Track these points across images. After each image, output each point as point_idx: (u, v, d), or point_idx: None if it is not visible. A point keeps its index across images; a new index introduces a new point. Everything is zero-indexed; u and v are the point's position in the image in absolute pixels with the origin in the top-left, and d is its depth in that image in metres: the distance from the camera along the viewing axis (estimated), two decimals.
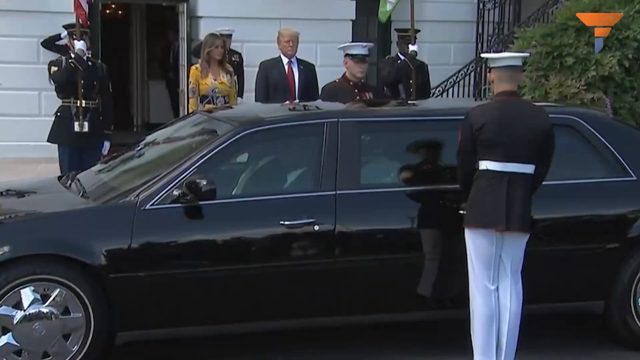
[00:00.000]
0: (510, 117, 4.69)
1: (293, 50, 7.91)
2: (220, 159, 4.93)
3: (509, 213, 4.61)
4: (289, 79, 7.87)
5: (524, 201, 4.65)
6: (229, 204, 4.87)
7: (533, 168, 4.68)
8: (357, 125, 5.09)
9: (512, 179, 4.64)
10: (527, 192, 4.67)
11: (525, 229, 4.68)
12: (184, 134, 5.59)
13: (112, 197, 4.91)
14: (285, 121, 5.23)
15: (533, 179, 4.71)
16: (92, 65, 7.83)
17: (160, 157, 5.44)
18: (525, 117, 4.70)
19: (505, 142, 4.64)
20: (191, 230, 4.79)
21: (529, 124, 4.67)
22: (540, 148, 4.68)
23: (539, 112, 4.80)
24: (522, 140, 4.64)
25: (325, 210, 4.89)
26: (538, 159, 4.70)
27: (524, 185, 4.65)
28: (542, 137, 4.67)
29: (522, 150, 4.64)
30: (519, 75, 4.87)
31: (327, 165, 4.96)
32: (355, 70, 7.09)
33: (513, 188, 4.63)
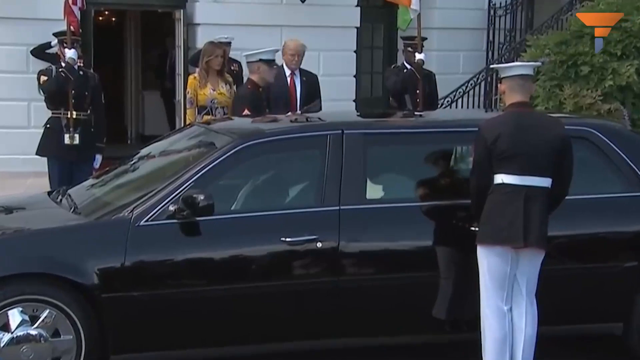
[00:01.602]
0: (524, 128, 4.70)
1: (297, 64, 7.95)
2: (218, 173, 4.93)
3: (527, 229, 4.60)
4: (291, 91, 7.90)
5: (542, 217, 4.63)
6: (227, 220, 4.87)
7: (550, 182, 4.68)
8: (362, 138, 5.09)
9: (529, 192, 4.64)
10: (544, 207, 4.64)
11: (543, 245, 4.67)
12: (181, 147, 5.60)
13: (104, 213, 4.92)
14: (287, 133, 5.24)
15: (553, 194, 4.70)
16: (84, 75, 7.85)
17: (156, 171, 5.45)
18: (541, 127, 4.71)
19: (521, 154, 4.65)
20: (188, 247, 4.79)
21: (545, 135, 4.68)
22: (557, 160, 4.69)
23: (554, 123, 4.81)
24: (538, 152, 4.64)
25: (328, 226, 4.89)
26: (556, 171, 4.69)
27: (541, 200, 4.64)
28: (560, 148, 4.67)
29: (539, 163, 4.64)
30: (530, 85, 4.85)
31: (330, 179, 4.97)
32: (270, 75, 7.18)
33: (531, 202, 4.63)
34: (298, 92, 7.91)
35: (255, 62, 7.14)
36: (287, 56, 7.95)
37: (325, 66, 10.44)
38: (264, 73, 7.12)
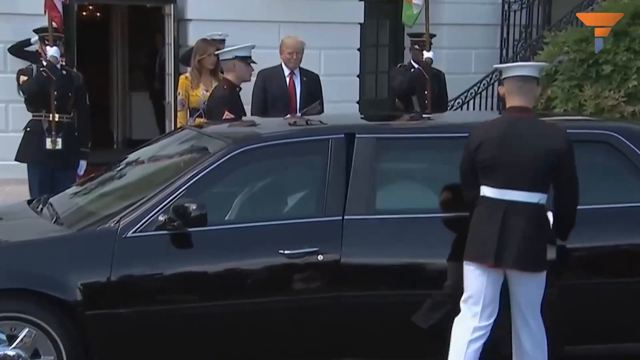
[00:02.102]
0: (514, 136, 4.62)
1: (296, 62, 7.94)
2: (211, 180, 4.93)
3: (501, 248, 4.56)
4: (290, 92, 7.90)
5: (528, 235, 4.55)
6: (221, 231, 4.87)
7: (541, 198, 4.57)
8: (366, 142, 5.10)
9: (510, 208, 4.57)
10: (531, 225, 4.56)
11: (523, 267, 4.59)
12: (171, 152, 5.60)
13: (89, 223, 4.92)
14: (285, 137, 5.24)
15: (558, 212, 4.65)
16: (67, 75, 7.86)
17: (144, 179, 5.45)
18: (535, 137, 4.61)
19: (502, 165, 4.60)
20: (179, 260, 4.79)
21: (538, 146, 4.58)
22: (553, 176, 4.60)
23: (553, 132, 4.67)
24: (523, 164, 4.56)
25: (330, 238, 4.89)
26: (555, 188, 4.63)
27: (527, 217, 4.55)
28: (553, 163, 4.56)
29: (525, 176, 4.56)
30: (532, 88, 4.73)
31: (332, 187, 4.97)
32: (247, 74, 7.19)
33: (512, 219, 4.55)
34: (298, 93, 7.91)
35: (231, 60, 7.14)
36: (285, 54, 7.96)
37: (327, 65, 10.45)
38: (241, 71, 7.12)
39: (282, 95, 7.86)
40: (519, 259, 4.58)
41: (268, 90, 7.89)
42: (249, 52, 7.19)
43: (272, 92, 7.88)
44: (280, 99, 7.83)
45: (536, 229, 4.59)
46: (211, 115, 7.15)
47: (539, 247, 4.62)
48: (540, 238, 4.62)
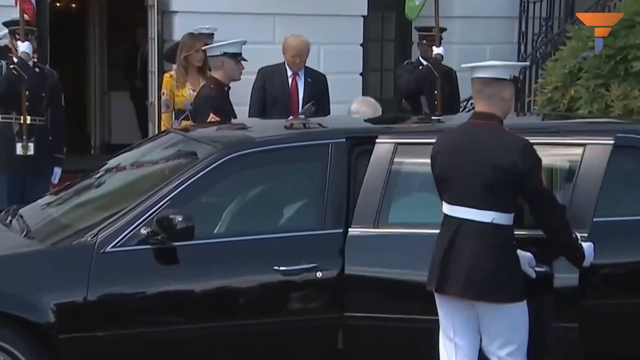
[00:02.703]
0: (467, 147, 4.57)
1: (300, 65, 7.94)
2: (199, 189, 4.94)
3: (445, 271, 4.51)
4: (292, 95, 7.89)
5: (478, 259, 4.46)
6: (210, 245, 4.88)
7: (496, 217, 4.47)
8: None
9: (462, 228, 4.52)
10: (486, 247, 4.47)
11: (474, 295, 4.50)
12: (155, 158, 5.61)
13: (63, 237, 4.92)
14: (281, 142, 5.25)
15: (546, 236, 4.57)
16: (40, 73, 7.86)
17: (125, 187, 5.45)
18: (489, 149, 4.53)
19: (455, 179, 4.58)
20: (163, 278, 4.79)
21: (488, 159, 4.49)
22: (513, 192, 4.50)
23: (512, 145, 4.52)
24: (474, 178, 4.50)
25: (330, 253, 4.90)
26: (529, 208, 4.56)
27: (479, 239, 4.48)
28: (508, 178, 4.46)
29: (474, 192, 4.50)
30: (496, 92, 4.59)
31: (333, 196, 4.98)
32: (236, 72, 7.17)
33: (464, 241, 4.49)
34: (300, 95, 7.89)
35: (219, 57, 7.14)
36: (288, 57, 7.94)
37: (326, 62, 10.44)
38: (230, 69, 7.12)
39: (283, 97, 7.84)
40: (466, 286, 4.49)
41: (268, 91, 7.88)
42: (239, 49, 7.19)
43: (272, 93, 7.86)
44: (280, 101, 7.82)
45: (491, 252, 4.48)
46: (196, 118, 7.16)
47: (499, 274, 4.48)
48: (500, 263, 4.48)
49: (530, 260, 4.66)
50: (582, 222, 4.75)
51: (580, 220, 4.74)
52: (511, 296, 4.53)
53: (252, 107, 7.91)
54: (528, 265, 4.65)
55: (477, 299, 4.54)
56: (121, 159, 5.85)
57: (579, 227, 4.70)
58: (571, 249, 4.67)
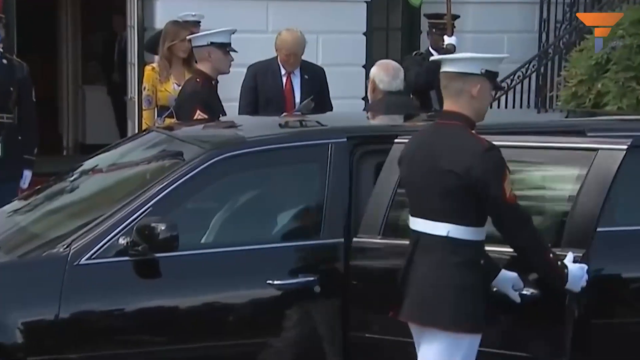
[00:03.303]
0: (424, 151, 4.52)
1: (295, 65, 7.91)
2: (185, 195, 4.95)
3: (401, 291, 4.49)
4: (287, 95, 7.87)
5: (430, 277, 4.40)
6: (196, 257, 4.88)
7: (452, 230, 4.38)
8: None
9: (419, 242, 4.48)
10: (438, 264, 4.40)
11: (416, 318, 4.44)
12: (135, 160, 5.61)
13: (32, 248, 4.91)
14: (275, 142, 5.25)
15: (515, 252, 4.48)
16: (8, 65, 7.85)
17: (101, 192, 5.46)
18: (447, 153, 4.45)
19: (412, 187, 4.57)
20: (144, 293, 4.80)
21: (443, 165, 4.42)
22: (471, 201, 4.39)
23: (467, 148, 4.42)
24: (428, 186, 4.46)
25: (330, 265, 4.92)
26: (471, 217, 4.41)
27: (436, 254, 4.41)
28: (461, 185, 4.36)
29: (427, 201, 4.46)
30: (462, 88, 4.50)
31: (333, 203, 4.99)
32: (225, 64, 7.17)
33: (419, 256, 4.45)
34: (297, 95, 7.88)
35: (205, 47, 7.14)
36: (282, 55, 7.91)
37: (326, 53, 10.45)
38: (217, 61, 7.12)
39: (277, 97, 7.81)
40: (411, 307, 4.44)
41: (260, 90, 7.85)
42: (228, 38, 7.19)
43: (264, 93, 7.83)
44: (274, 102, 7.79)
45: (444, 270, 4.40)
46: (181, 115, 7.16)
47: (448, 295, 4.38)
48: (453, 283, 4.38)
49: (516, 282, 4.53)
50: (582, 238, 4.61)
51: (579, 237, 4.62)
52: (456, 323, 4.37)
53: (241, 109, 7.88)
54: (512, 287, 4.52)
55: (416, 322, 4.46)
56: (97, 161, 5.85)
57: (578, 244, 4.58)
58: (545, 270, 4.50)
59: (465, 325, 4.39)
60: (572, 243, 4.60)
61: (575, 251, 4.55)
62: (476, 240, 4.44)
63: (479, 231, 4.45)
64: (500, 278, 4.52)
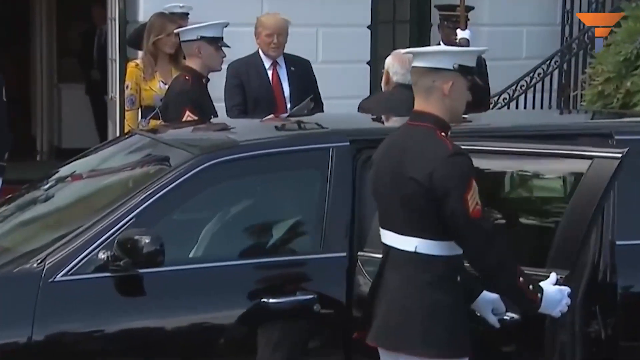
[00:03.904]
0: (390, 156, 4.50)
1: (278, 49, 7.94)
2: (171, 204, 4.95)
3: (370, 311, 4.49)
4: (276, 90, 7.89)
5: (398, 297, 4.37)
6: (184, 272, 4.88)
7: (420, 244, 4.35)
8: None
9: (388, 257, 4.46)
10: (408, 282, 4.36)
11: (381, 341, 4.43)
12: (116, 166, 5.62)
13: (3, 263, 4.89)
14: (271, 147, 5.26)
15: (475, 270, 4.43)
16: None
17: (79, 202, 5.47)
18: (408, 158, 4.40)
19: (380, 196, 4.55)
20: (126, 313, 4.79)
21: (406, 171, 4.37)
22: (431, 214, 4.33)
23: (431, 152, 4.37)
24: (394, 195, 4.42)
25: (331, 281, 4.93)
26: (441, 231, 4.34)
27: (404, 272, 4.39)
28: (422, 195, 4.31)
29: (394, 212, 4.44)
30: (437, 85, 4.41)
31: (334, 213, 5.00)
32: (216, 60, 7.20)
33: (388, 273, 4.44)
34: (285, 88, 7.92)
35: (195, 42, 7.16)
36: (263, 38, 7.93)
37: (327, 49, 10.48)
38: (208, 57, 7.15)
39: (266, 94, 7.81)
40: (379, 330, 4.43)
41: (247, 89, 7.85)
42: (220, 32, 7.21)
43: (251, 92, 7.84)
44: (263, 100, 7.80)
45: (412, 289, 4.37)
46: (168, 116, 7.17)
47: (417, 317, 4.34)
48: (423, 304, 4.35)
49: (497, 306, 4.52)
50: (567, 258, 4.58)
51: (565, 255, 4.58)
52: (427, 347, 4.33)
53: (230, 112, 7.86)
54: (491, 312, 4.51)
55: (384, 347, 4.44)
56: (75, 167, 5.85)
57: (563, 264, 4.55)
58: (513, 296, 4.45)
59: (439, 350, 4.34)
60: (557, 263, 4.55)
61: (560, 272, 4.51)
62: (449, 256, 4.38)
63: (452, 245, 4.38)
64: (479, 299, 4.50)
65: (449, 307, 4.36)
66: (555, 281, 4.46)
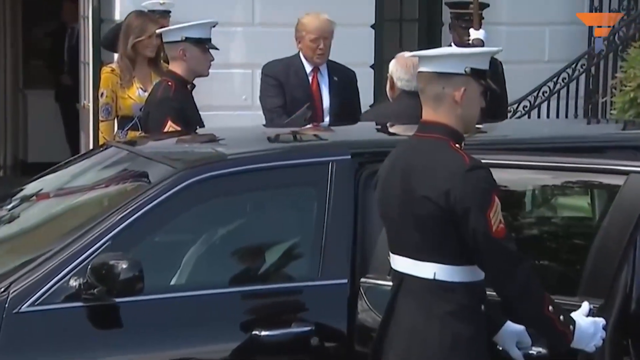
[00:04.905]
0: (398, 172, 4.48)
1: (325, 55, 7.87)
2: (151, 225, 4.96)
3: (379, 347, 4.50)
4: (315, 100, 7.84)
5: (419, 331, 4.37)
6: (165, 301, 4.89)
7: (439, 270, 4.35)
8: None
9: (402, 285, 4.45)
10: (429, 314, 4.36)
11: None
12: (90, 183, 5.64)
13: None
14: (263, 160, 5.27)
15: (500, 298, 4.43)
16: None
17: (48, 223, 5.47)
18: (421, 174, 4.39)
19: (389, 218, 4.53)
20: (101, 347, 4.78)
21: (418, 189, 4.37)
22: (449, 236, 4.34)
23: (447, 168, 4.36)
24: (407, 216, 4.41)
25: (331, 312, 4.94)
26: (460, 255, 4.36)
27: (423, 301, 4.39)
28: (439, 215, 4.31)
29: (409, 235, 4.42)
30: (447, 91, 4.41)
31: (334, 234, 5.02)
32: (203, 65, 7.20)
33: (403, 302, 4.44)
34: (325, 99, 7.90)
35: (179, 44, 7.15)
36: (307, 43, 7.86)
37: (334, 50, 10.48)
38: (194, 61, 7.14)
39: (305, 98, 7.68)
40: None
41: (287, 92, 7.73)
42: (207, 33, 7.20)
43: (290, 93, 7.72)
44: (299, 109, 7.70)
45: (432, 319, 4.37)
46: (148, 127, 7.17)
47: (441, 351, 4.36)
48: (443, 336, 4.35)
49: (522, 339, 4.52)
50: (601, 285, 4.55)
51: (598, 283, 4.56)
52: None
53: (270, 115, 7.77)
54: (515, 345, 4.51)
55: None
56: (42, 184, 5.87)
57: (596, 293, 4.53)
58: (542, 328, 4.44)
59: None
60: (589, 291, 4.53)
61: (593, 301, 4.49)
62: (471, 282, 4.39)
63: (474, 270, 4.39)
64: (502, 331, 4.49)
65: (471, 340, 4.37)
66: (588, 311, 4.45)
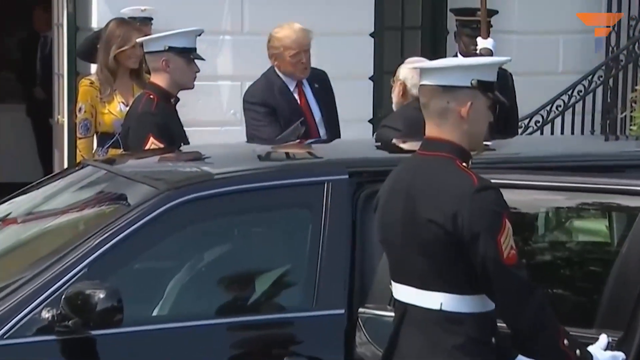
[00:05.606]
0: (400, 193, 4.48)
1: (308, 67, 7.88)
2: (132, 251, 4.96)
3: None
4: (305, 112, 7.85)
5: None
6: (146, 334, 4.88)
7: (446, 300, 4.35)
8: None
9: (406, 316, 4.47)
10: (436, 348, 4.37)
11: None
12: (65, 205, 5.63)
13: None
14: (253, 180, 5.29)
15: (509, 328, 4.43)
16: None
17: (19, 249, 5.48)
18: (425, 195, 4.40)
19: (391, 243, 4.54)
20: None
21: (423, 212, 4.38)
22: (457, 263, 4.35)
23: (454, 189, 4.37)
24: (411, 242, 4.42)
25: (326, 344, 4.94)
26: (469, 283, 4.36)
27: (429, 333, 4.40)
28: (446, 240, 4.32)
29: (413, 263, 4.42)
30: (452, 106, 4.42)
31: (330, 260, 5.02)
32: (188, 76, 7.20)
33: (407, 334, 4.46)
34: (315, 112, 7.92)
35: (161, 54, 7.15)
36: (286, 60, 7.82)
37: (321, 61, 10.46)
38: (178, 72, 7.15)
39: (297, 118, 7.65)
40: None
41: (279, 114, 7.69)
42: (193, 42, 7.20)
43: (284, 116, 7.69)
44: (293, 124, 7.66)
45: (439, 354, 4.38)
46: (129, 144, 7.17)
47: None
48: None
49: None
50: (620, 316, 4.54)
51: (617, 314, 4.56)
52: None
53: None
54: None
55: None
56: (13, 206, 5.88)
57: (615, 325, 4.53)
58: (542, 351, 4.41)
59: None
60: (607, 323, 4.54)
61: (612, 333, 4.49)
62: (481, 313, 4.39)
63: (484, 300, 4.39)
64: None
65: None
66: (607, 345, 4.45)
